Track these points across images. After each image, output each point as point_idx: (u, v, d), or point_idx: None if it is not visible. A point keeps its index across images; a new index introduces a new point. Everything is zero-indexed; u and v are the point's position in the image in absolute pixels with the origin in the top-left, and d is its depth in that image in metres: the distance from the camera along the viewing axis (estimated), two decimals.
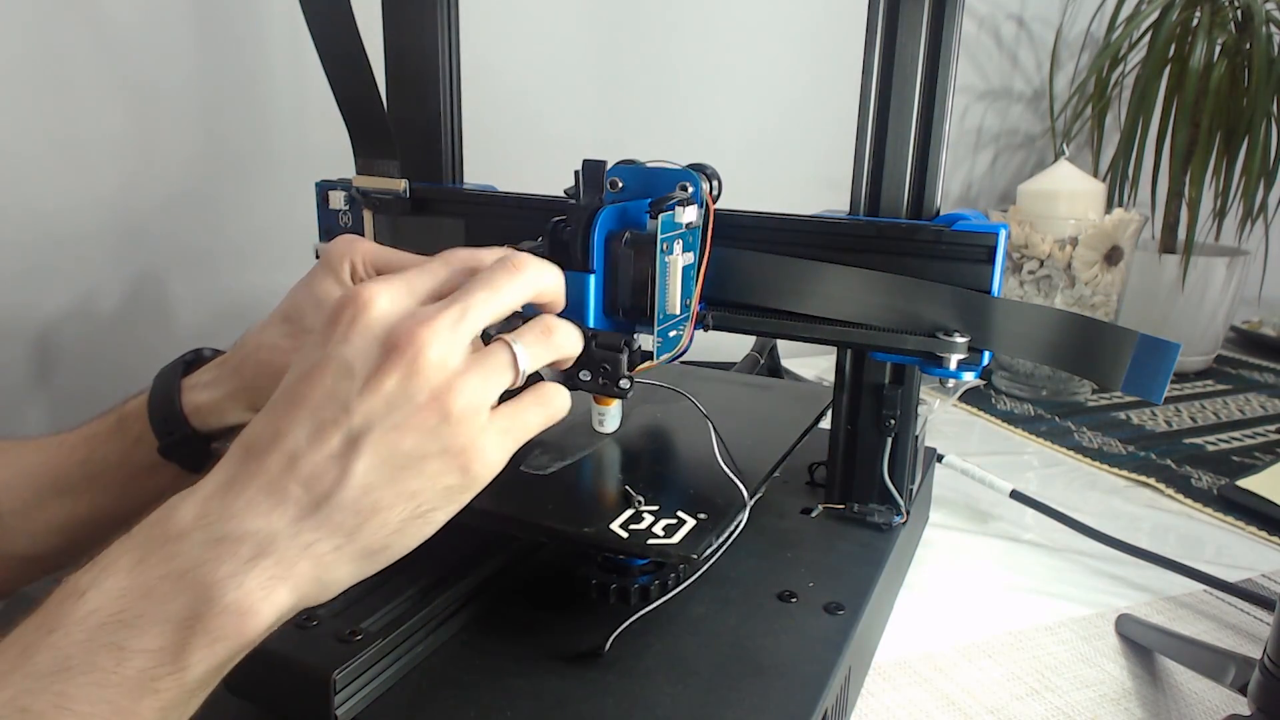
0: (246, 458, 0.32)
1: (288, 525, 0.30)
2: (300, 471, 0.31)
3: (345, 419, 0.31)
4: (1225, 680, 0.43)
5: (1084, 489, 0.73)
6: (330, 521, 0.31)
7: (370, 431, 0.31)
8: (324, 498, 0.31)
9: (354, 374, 0.31)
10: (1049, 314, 0.44)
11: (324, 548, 0.31)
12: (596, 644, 0.39)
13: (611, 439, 0.49)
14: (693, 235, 0.46)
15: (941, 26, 0.46)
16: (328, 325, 0.33)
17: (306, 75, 0.83)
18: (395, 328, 0.32)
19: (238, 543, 0.30)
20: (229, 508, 0.30)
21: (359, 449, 0.31)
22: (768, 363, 0.81)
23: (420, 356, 0.31)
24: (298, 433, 0.31)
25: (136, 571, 0.29)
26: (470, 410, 0.32)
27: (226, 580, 0.29)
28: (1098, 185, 0.92)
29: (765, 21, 1.05)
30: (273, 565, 0.30)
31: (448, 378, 0.32)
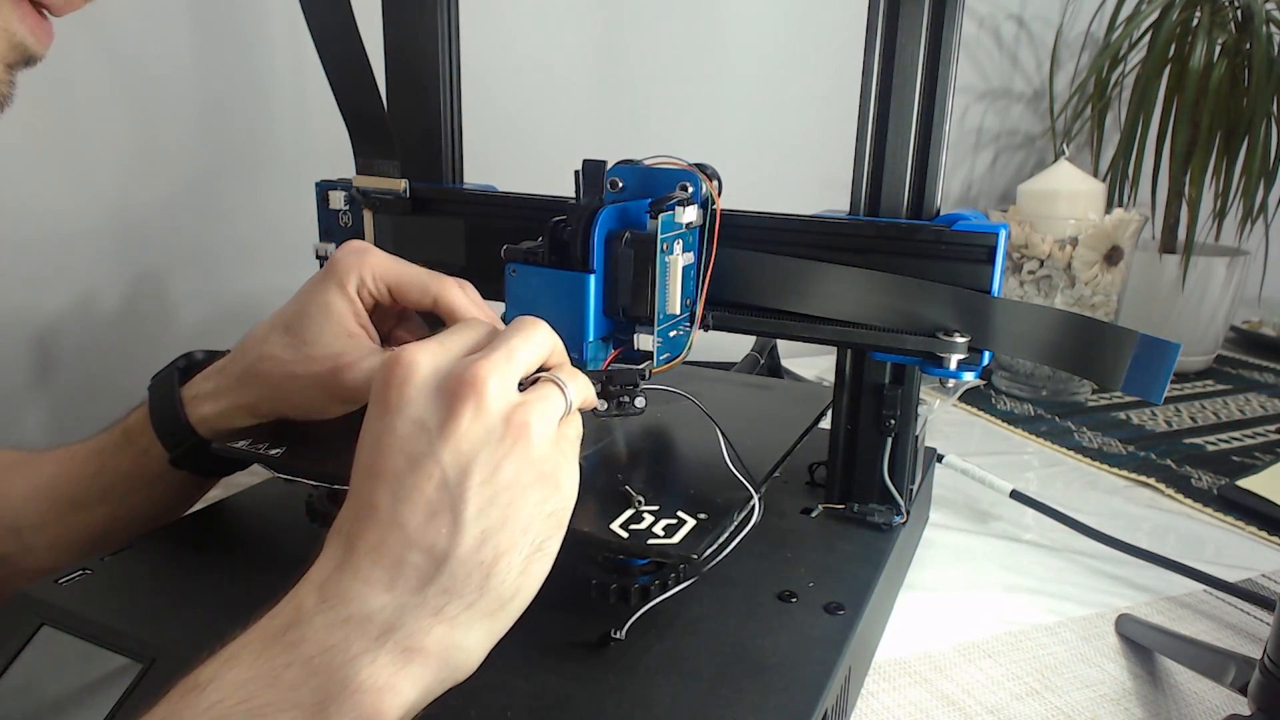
0: (351, 543, 0.31)
1: (413, 595, 0.29)
2: (411, 537, 0.30)
3: (437, 470, 0.30)
4: (1225, 680, 0.43)
5: (1084, 489, 0.73)
6: (456, 579, 0.30)
7: (468, 476, 0.30)
8: (444, 556, 0.30)
9: (427, 427, 0.31)
10: (1049, 314, 0.44)
11: (455, 608, 0.30)
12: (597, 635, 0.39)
13: (611, 439, 0.49)
14: (693, 235, 0.46)
15: (941, 27, 0.46)
16: (380, 396, 0.32)
17: (306, 75, 0.83)
18: (451, 373, 0.32)
19: (365, 621, 0.29)
20: (347, 589, 0.29)
21: (463, 495, 0.30)
22: (768, 363, 0.81)
23: (486, 389, 0.31)
24: (393, 504, 0.30)
25: (260, 661, 0.28)
26: (546, 432, 0.32)
27: (358, 659, 0.28)
28: (1098, 185, 0.92)
29: (765, 22, 1.05)
30: (405, 638, 0.29)
31: (517, 408, 0.32)
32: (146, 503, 0.49)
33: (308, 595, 0.30)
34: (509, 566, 0.31)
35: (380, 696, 0.28)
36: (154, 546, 0.46)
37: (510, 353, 0.33)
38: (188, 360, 0.50)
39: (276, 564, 0.45)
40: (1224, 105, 1.02)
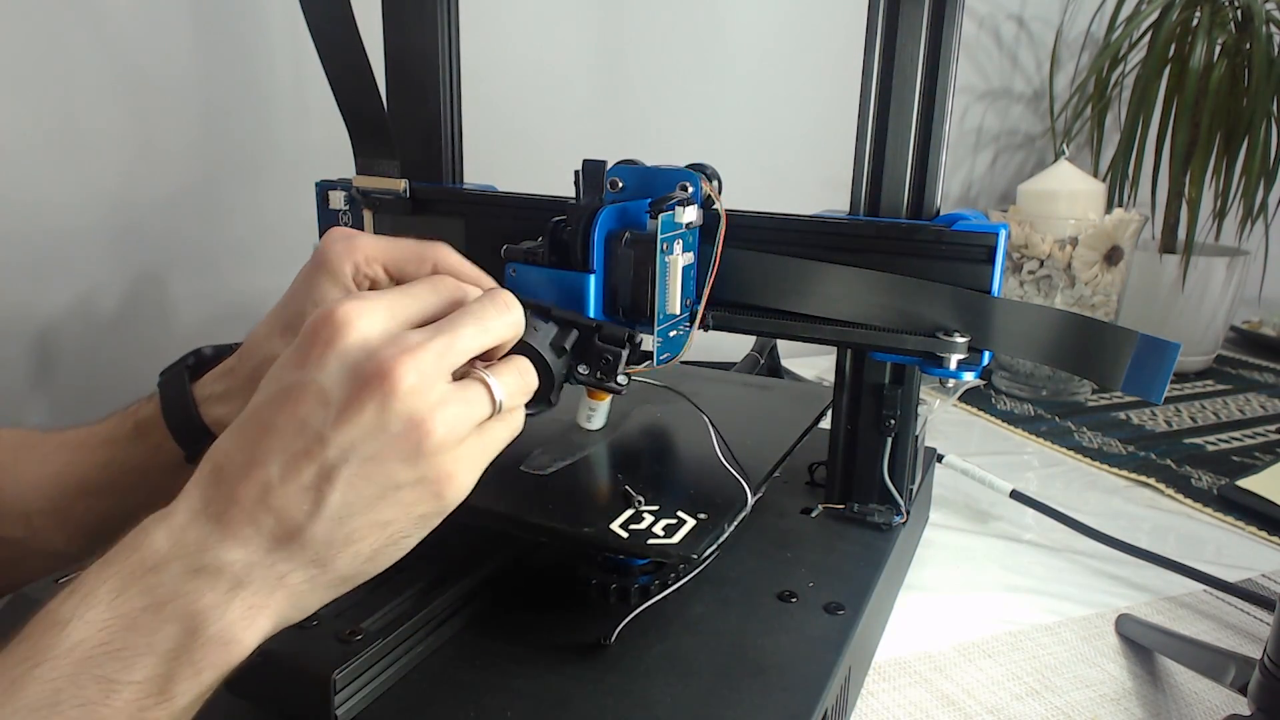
0: (218, 482, 0.31)
1: (263, 556, 0.30)
2: (273, 502, 0.30)
3: (319, 450, 0.30)
4: (1225, 680, 0.43)
5: (1084, 489, 0.73)
6: (304, 553, 0.31)
7: (345, 463, 0.30)
8: (297, 530, 0.30)
9: (329, 402, 0.31)
10: (1049, 314, 0.44)
11: (298, 578, 0.31)
12: (600, 635, 0.39)
13: (611, 439, 0.49)
14: (693, 235, 0.46)
15: (941, 27, 0.46)
16: (303, 346, 0.32)
17: (306, 75, 0.84)
18: (377, 353, 0.31)
19: (216, 574, 0.30)
20: (205, 538, 0.30)
21: (333, 481, 0.30)
22: (768, 363, 0.81)
23: (397, 387, 0.30)
24: (271, 463, 0.31)
25: (118, 603, 0.29)
26: (447, 441, 0.31)
27: (209, 611, 0.29)
28: (1098, 185, 0.92)
29: (765, 22, 1.05)
30: (251, 595, 0.30)
31: (426, 408, 0.31)
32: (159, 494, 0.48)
33: (164, 537, 0.31)
34: (356, 553, 0.31)
35: (228, 648, 0.29)
36: None
37: (451, 344, 0.32)
38: (197, 357, 0.50)
39: None
40: (1224, 105, 1.02)
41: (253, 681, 0.35)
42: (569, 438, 0.48)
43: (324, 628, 0.36)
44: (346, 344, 0.31)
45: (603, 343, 0.40)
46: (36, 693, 0.27)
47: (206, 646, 0.29)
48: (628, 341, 0.40)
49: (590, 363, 0.41)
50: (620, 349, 0.40)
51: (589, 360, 0.41)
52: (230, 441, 0.32)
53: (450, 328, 0.33)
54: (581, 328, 0.40)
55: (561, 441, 0.48)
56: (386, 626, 0.37)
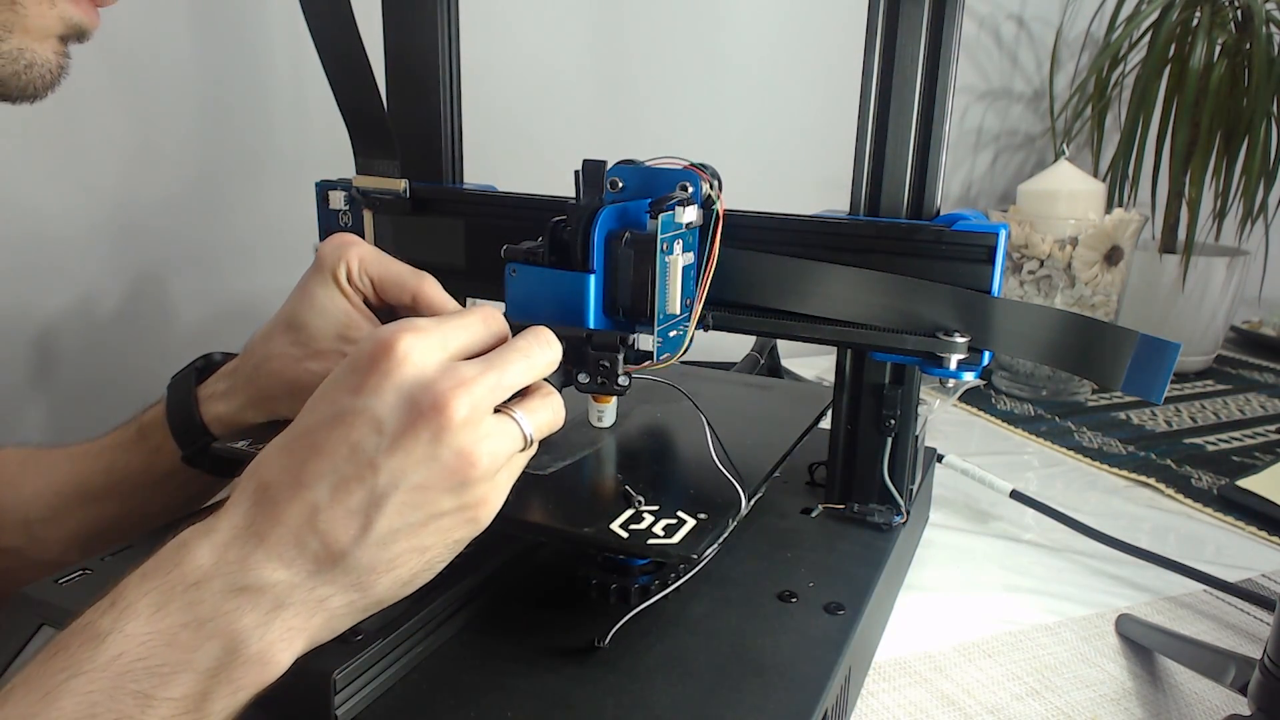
0: (263, 501, 0.31)
1: (305, 578, 0.31)
2: (320, 525, 0.31)
3: (370, 476, 0.31)
4: (1225, 680, 0.43)
5: (1084, 489, 0.73)
6: (346, 577, 0.31)
7: (395, 490, 0.31)
8: (342, 554, 0.31)
9: (383, 430, 0.31)
10: (1049, 314, 0.44)
11: (337, 601, 0.31)
12: (594, 637, 0.39)
13: (612, 439, 0.49)
14: (693, 235, 0.46)
15: (941, 27, 0.46)
16: (358, 372, 0.32)
17: (306, 75, 0.83)
18: (433, 385, 0.32)
19: (258, 594, 0.30)
20: (248, 557, 0.30)
21: (381, 507, 0.31)
22: (768, 363, 0.81)
23: (452, 420, 0.31)
24: (320, 485, 0.31)
25: (157, 618, 0.29)
26: (489, 472, 0.33)
27: (250, 631, 0.30)
28: (1098, 185, 0.92)
29: (765, 22, 1.05)
30: (291, 617, 0.30)
31: (473, 441, 0.32)
32: (156, 500, 0.49)
33: (207, 553, 0.31)
34: (396, 578, 0.32)
35: (265, 668, 0.30)
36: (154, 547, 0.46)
37: (501, 379, 0.33)
38: (206, 361, 0.51)
39: None
40: (1224, 105, 1.02)
41: None
42: (569, 438, 0.48)
43: None
44: (403, 374, 0.32)
45: (595, 350, 0.41)
46: (73, 705, 0.27)
47: (245, 666, 0.29)
48: (621, 345, 0.41)
49: (589, 371, 0.41)
50: (615, 353, 0.40)
51: (587, 369, 0.41)
52: (277, 460, 0.32)
53: (500, 363, 0.34)
54: (571, 339, 0.40)
55: (561, 441, 0.48)
56: (386, 626, 0.37)
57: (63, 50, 0.40)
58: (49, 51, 0.39)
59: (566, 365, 0.40)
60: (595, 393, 0.42)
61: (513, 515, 0.41)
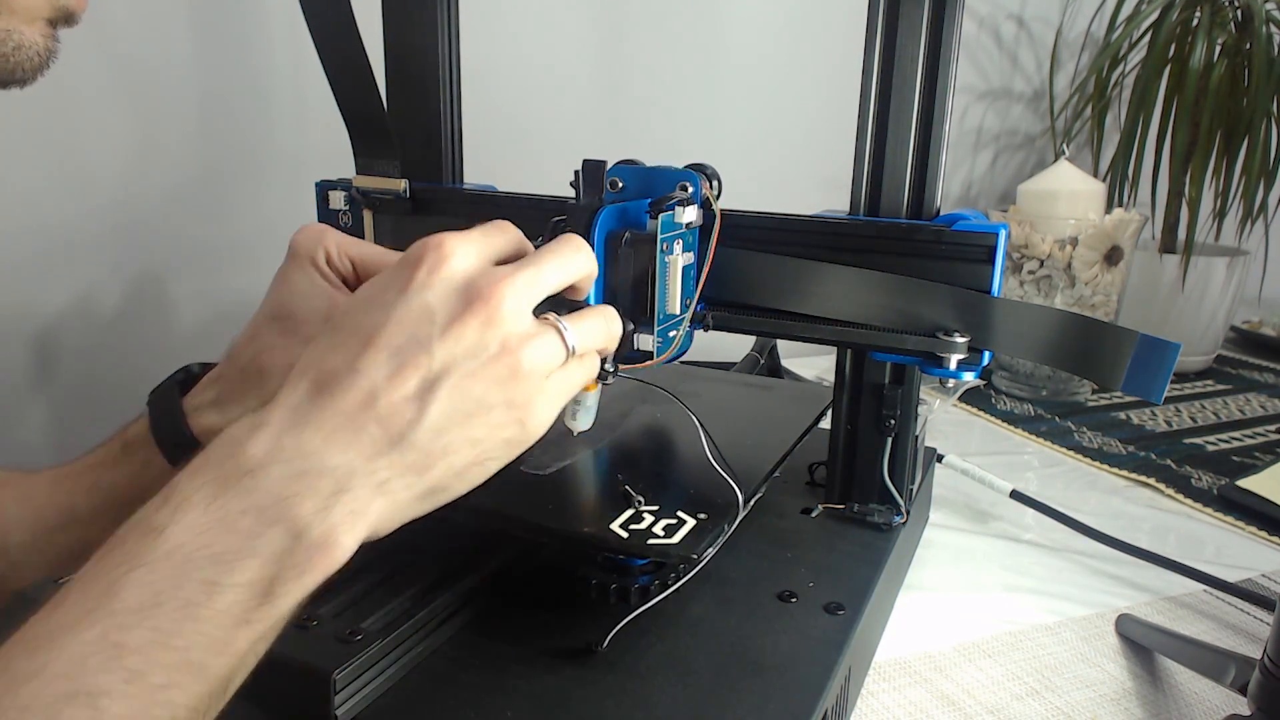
0: (318, 392, 0.32)
1: (365, 462, 0.31)
2: (379, 409, 0.31)
3: (426, 361, 0.32)
4: (1225, 680, 0.43)
5: (1084, 489, 0.73)
6: (404, 460, 0.32)
7: (448, 376, 0.32)
8: (399, 437, 0.31)
9: (435, 319, 0.32)
10: (1049, 314, 0.44)
11: (397, 485, 0.32)
12: (592, 640, 0.39)
13: (611, 439, 0.49)
14: (692, 235, 0.46)
15: (941, 27, 0.46)
16: (407, 268, 0.33)
17: (306, 75, 0.83)
18: (477, 279, 0.33)
19: (318, 477, 0.30)
20: (306, 443, 0.31)
21: (436, 391, 0.32)
22: (768, 363, 0.81)
23: (500, 309, 0.32)
24: (376, 371, 0.32)
25: (214, 507, 0.29)
26: (535, 369, 0.33)
27: (313, 515, 0.30)
28: (1098, 185, 0.92)
29: (765, 22, 1.05)
30: (352, 500, 0.30)
31: (520, 335, 0.33)
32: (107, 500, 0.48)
33: (261, 442, 0.31)
34: (450, 466, 0.33)
35: (329, 551, 0.30)
36: None
37: (538, 275, 0.34)
38: (186, 374, 0.50)
39: None
40: (1224, 105, 1.02)
41: (253, 681, 0.35)
42: (569, 438, 0.48)
43: (324, 628, 0.36)
44: (451, 268, 0.33)
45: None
46: (137, 595, 0.27)
47: (311, 549, 0.29)
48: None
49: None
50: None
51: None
52: (327, 351, 0.33)
53: (536, 262, 0.35)
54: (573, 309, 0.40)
55: (561, 441, 0.48)
56: (386, 626, 0.37)
57: (51, 34, 0.40)
58: (37, 34, 0.39)
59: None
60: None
61: (513, 515, 0.41)
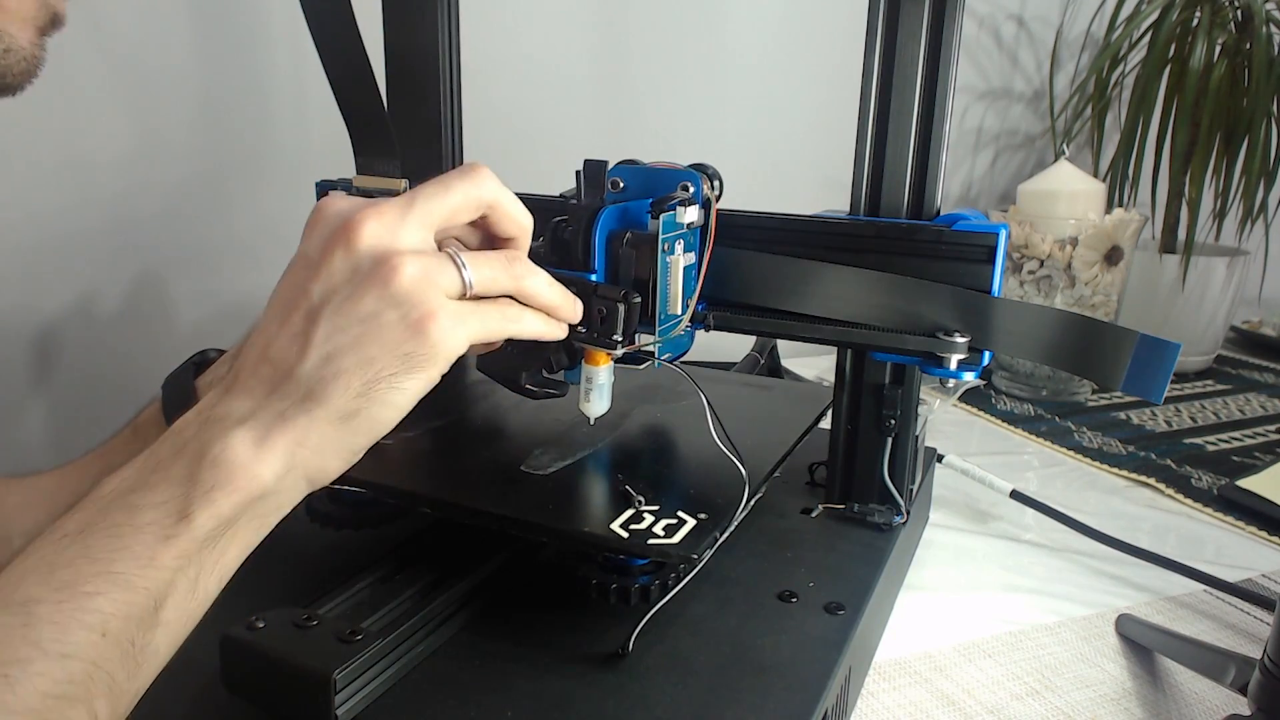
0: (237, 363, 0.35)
1: (262, 400, 0.34)
2: (271, 354, 0.34)
3: (304, 300, 0.34)
4: (1225, 680, 0.43)
5: (1084, 489, 0.73)
6: (296, 389, 0.33)
7: (326, 305, 0.34)
8: (289, 370, 0.34)
9: (310, 263, 0.35)
10: (1049, 314, 0.44)
11: (294, 413, 0.33)
12: (601, 650, 0.39)
13: (611, 439, 0.49)
14: (694, 235, 0.46)
15: (941, 27, 0.46)
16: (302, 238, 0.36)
17: (306, 75, 0.83)
18: (344, 215, 0.35)
19: (223, 418, 0.33)
20: (219, 401, 0.34)
21: (316, 322, 0.34)
22: (768, 363, 0.81)
23: (359, 230, 0.34)
24: (270, 325, 0.35)
25: (144, 458, 0.33)
26: (418, 281, 0.34)
27: (214, 442, 0.32)
28: (1098, 185, 0.92)
29: (765, 22, 1.05)
30: (255, 428, 0.33)
31: (390, 249, 0.34)
32: None
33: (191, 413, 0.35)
34: (346, 386, 0.33)
35: (233, 470, 0.32)
36: None
37: (411, 200, 0.35)
38: (201, 357, 0.50)
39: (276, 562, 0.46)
40: (1224, 105, 1.02)
41: (253, 681, 0.35)
42: (569, 437, 0.48)
43: (324, 628, 0.36)
44: (325, 216, 0.36)
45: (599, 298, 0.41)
46: (71, 524, 0.31)
47: (213, 468, 0.32)
48: (623, 299, 0.41)
49: (588, 322, 0.41)
50: (616, 303, 0.40)
51: (587, 319, 0.41)
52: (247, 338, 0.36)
53: (413, 192, 0.36)
54: (580, 287, 0.41)
55: (561, 441, 0.48)
56: (386, 626, 0.37)
57: (39, 43, 0.41)
58: (27, 39, 0.40)
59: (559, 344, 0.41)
60: (589, 344, 0.41)
61: (513, 515, 0.41)
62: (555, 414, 0.51)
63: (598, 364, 0.45)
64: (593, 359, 0.44)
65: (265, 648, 0.35)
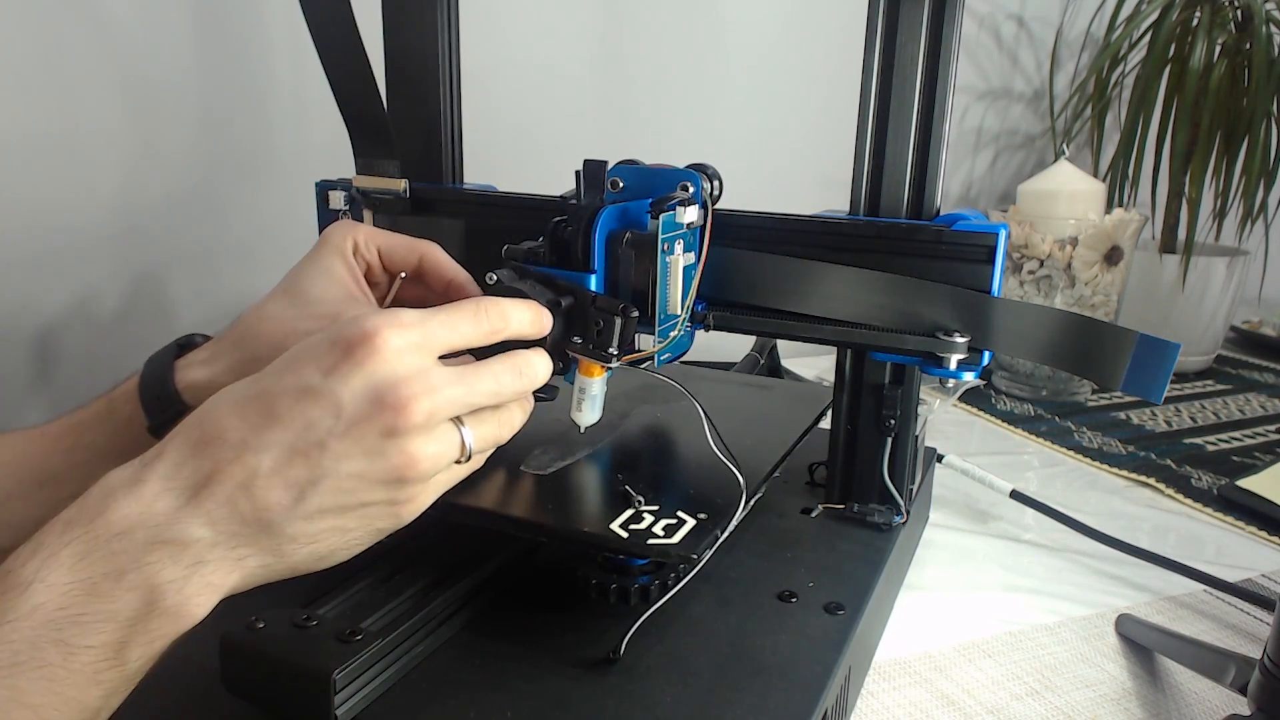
0: (203, 454, 0.32)
1: (227, 539, 0.32)
2: (255, 492, 0.31)
3: (316, 455, 0.32)
4: (1225, 680, 0.43)
5: (1084, 489, 0.73)
6: (268, 543, 0.32)
7: (334, 474, 0.32)
8: (269, 523, 0.32)
9: (340, 415, 0.32)
10: (1049, 314, 0.44)
11: (254, 563, 0.32)
12: (602, 650, 0.39)
13: (611, 439, 0.49)
14: (693, 235, 0.46)
15: (941, 27, 0.46)
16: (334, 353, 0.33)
17: (306, 75, 0.83)
18: (397, 386, 0.32)
19: (181, 549, 0.31)
20: (176, 511, 0.31)
21: (317, 486, 0.32)
22: (768, 363, 0.81)
23: (409, 423, 0.32)
24: (264, 454, 0.32)
25: (80, 567, 0.30)
26: (426, 475, 0.34)
27: (168, 585, 0.30)
28: (1098, 185, 0.92)
29: (765, 22, 1.05)
30: (209, 573, 0.31)
31: (421, 445, 0.33)
32: None
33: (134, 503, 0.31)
34: (313, 552, 0.33)
35: (180, 620, 0.31)
36: None
37: (464, 398, 0.34)
38: (189, 339, 0.50)
39: None
40: (1224, 105, 1.02)
41: (253, 681, 0.35)
42: (569, 437, 0.48)
43: (324, 628, 0.36)
44: (375, 366, 0.32)
45: (597, 310, 0.41)
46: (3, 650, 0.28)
47: (162, 618, 0.30)
48: (621, 313, 0.41)
49: (584, 334, 0.41)
50: (614, 316, 0.41)
51: (584, 330, 0.41)
52: (228, 417, 0.32)
53: (471, 380, 0.35)
54: (579, 296, 0.41)
55: (561, 441, 0.48)
56: (386, 626, 0.37)
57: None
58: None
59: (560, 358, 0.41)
60: (585, 356, 0.41)
61: (513, 515, 0.41)
62: (555, 414, 0.51)
63: (592, 375, 0.44)
64: (587, 369, 0.44)
65: (265, 648, 0.35)
